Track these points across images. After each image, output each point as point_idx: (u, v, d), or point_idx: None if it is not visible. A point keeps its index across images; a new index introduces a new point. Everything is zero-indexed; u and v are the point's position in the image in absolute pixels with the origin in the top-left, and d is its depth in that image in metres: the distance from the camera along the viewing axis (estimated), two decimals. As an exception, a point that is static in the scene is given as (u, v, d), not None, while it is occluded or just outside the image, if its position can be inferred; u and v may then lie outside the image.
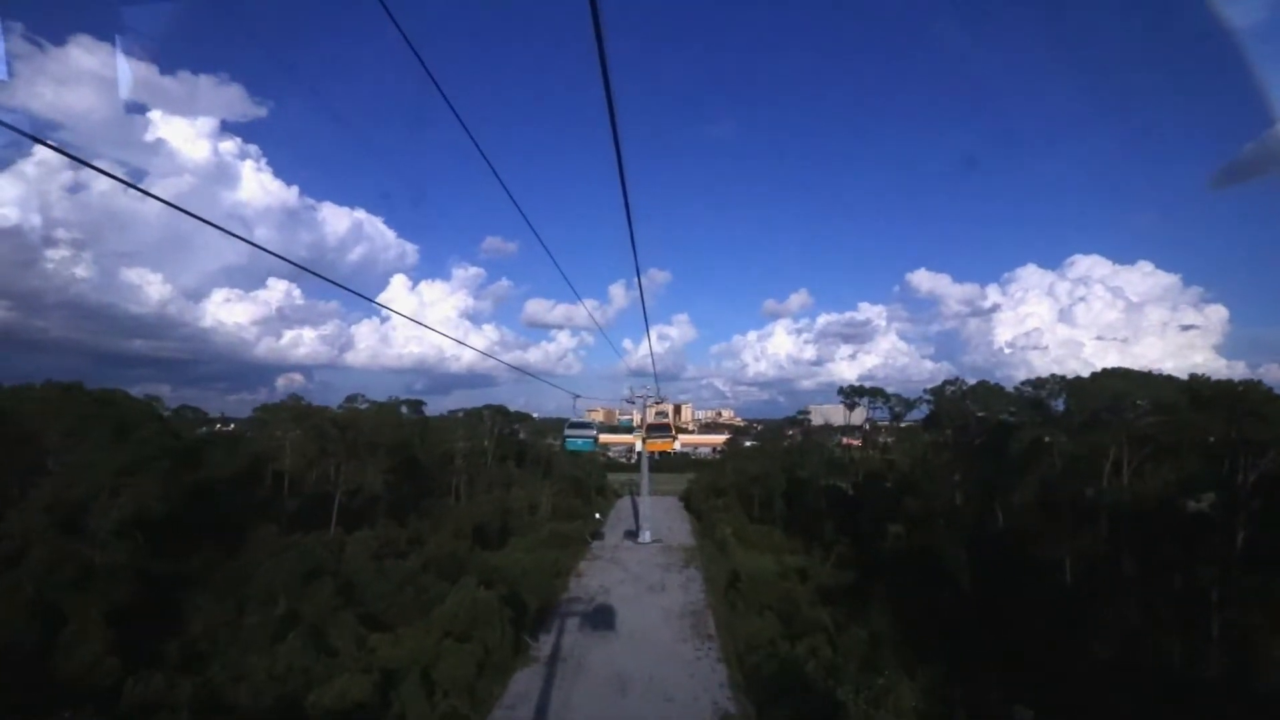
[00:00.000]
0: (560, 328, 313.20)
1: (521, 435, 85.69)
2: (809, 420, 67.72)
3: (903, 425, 49.77)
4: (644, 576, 37.22)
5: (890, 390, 52.79)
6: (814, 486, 48.07)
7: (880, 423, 52.64)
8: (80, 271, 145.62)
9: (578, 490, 63.32)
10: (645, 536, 47.89)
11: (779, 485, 48.59)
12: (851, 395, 51.24)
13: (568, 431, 37.29)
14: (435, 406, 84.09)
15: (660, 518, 56.90)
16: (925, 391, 38.03)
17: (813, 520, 48.00)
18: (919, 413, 49.16)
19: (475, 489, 57.43)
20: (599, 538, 50.58)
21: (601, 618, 29.64)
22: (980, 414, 32.66)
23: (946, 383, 36.55)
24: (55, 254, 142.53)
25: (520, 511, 50.95)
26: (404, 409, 68.31)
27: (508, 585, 31.81)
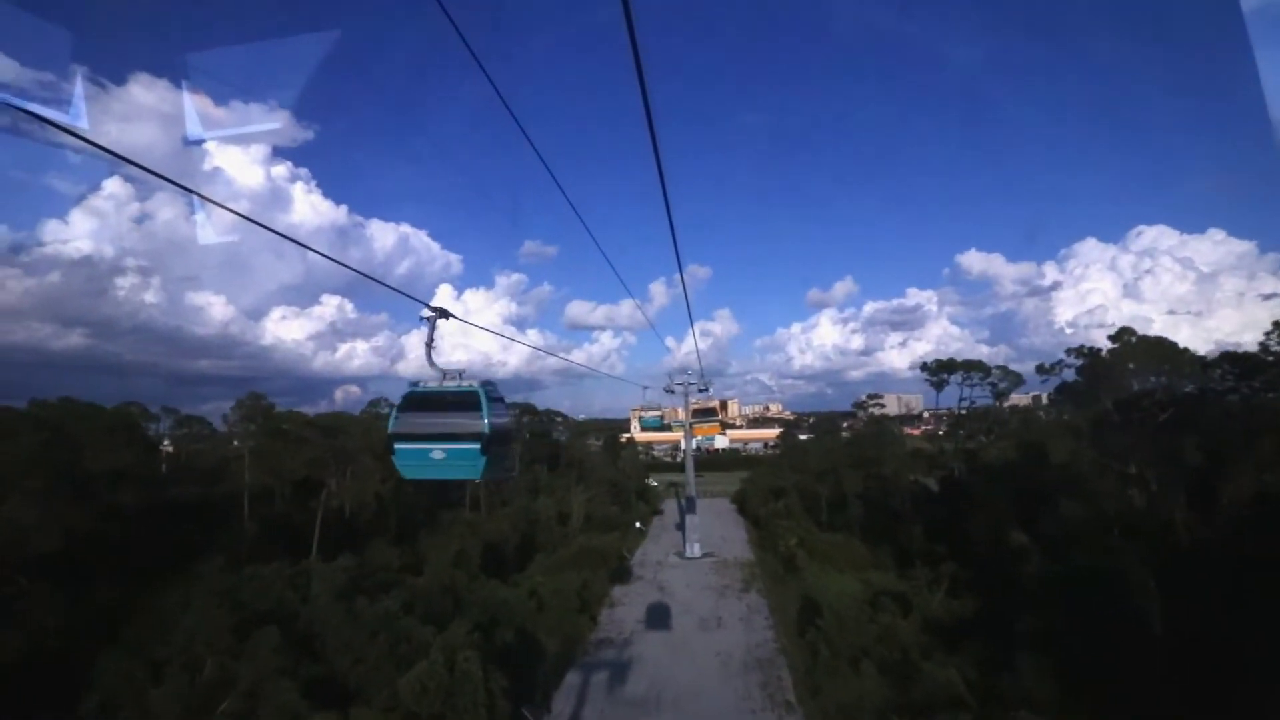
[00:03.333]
0: (602, 329, 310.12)
1: (558, 435, 79.36)
2: (878, 406, 58.42)
3: (1008, 404, 40.55)
4: (693, 605, 29.53)
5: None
6: (898, 485, 39.26)
7: (970, 405, 43.22)
8: (149, 297, 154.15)
9: (616, 495, 55.97)
10: (694, 549, 40.18)
11: (854, 484, 39.92)
12: (938, 371, 42.14)
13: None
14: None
15: (710, 525, 49.02)
16: (1068, 353, 29.04)
17: (897, 526, 39.24)
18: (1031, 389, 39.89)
19: (499, 498, 50.91)
20: (640, 546, 43.22)
21: (637, 673, 22.14)
22: (1159, 382, 23.55)
23: (1084, 348, 27.57)
24: (125, 281, 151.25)
25: (548, 523, 43.95)
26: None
27: (516, 626, 24.72)
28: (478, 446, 7.77)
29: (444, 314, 8.23)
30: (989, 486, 30.11)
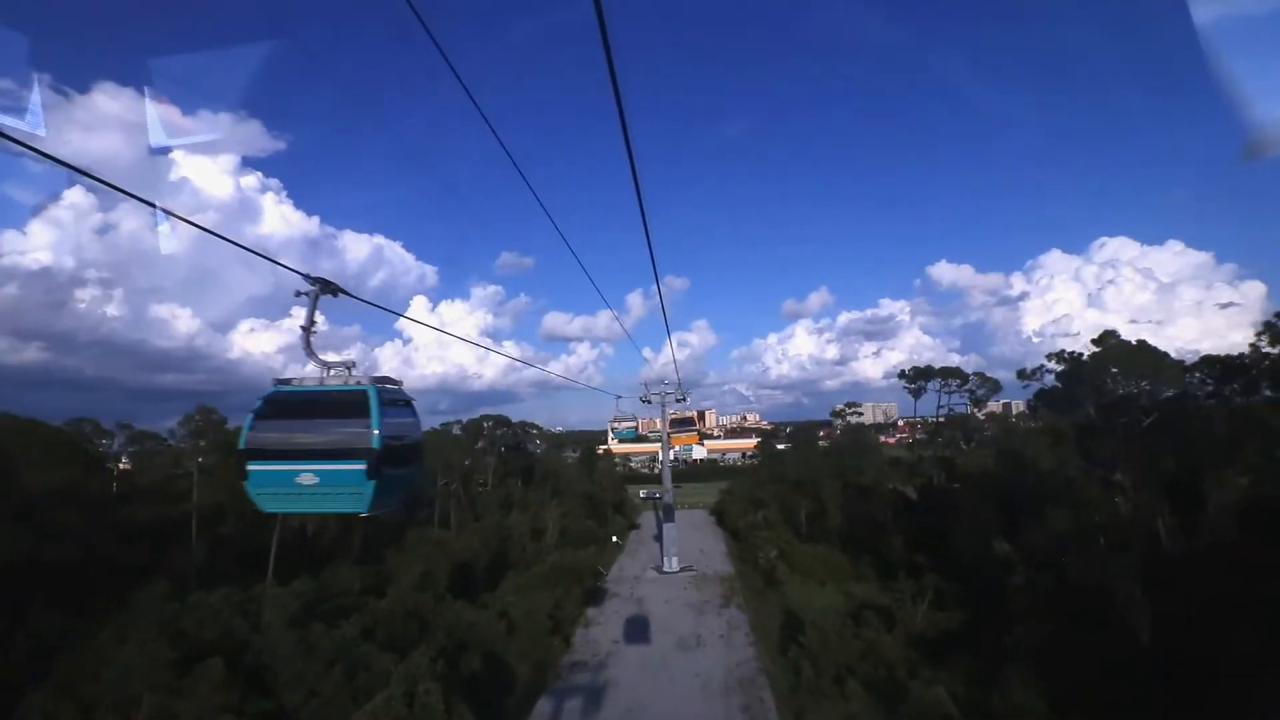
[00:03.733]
0: (579, 340, 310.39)
1: (533, 448, 77.70)
2: (856, 414, 58.12)
3: (983, 412, 40.35)
4: (672, 623, 28.42)
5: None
6: (879, 494, 38.71)
7: (949, 412, 42.94)
8: (111, 310, 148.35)
9: (592, 508, 54.63)
10: (672, 564, 39.07)
11: (834, 493, 39.28)
12: (916, 378, 41.89)
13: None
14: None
15: (689, 537, 47.96)
16: (1049, 358, 28.72)
17: (878, 536, 38.67)
18: (1004, 397, 39.72)
19: (471, 513, 49.24)
20: (617, 560, 41.97)
21: (612, 697, 20.95)
22: (1141, 387, 23.22)
23: (1064, 353, 27.28)
24: (86, 294, 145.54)
25: (521, 539, 42.49)
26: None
27: (485, 650, 23.39)
28: (362, 468, 5.58)
29: (329, 288, 6.32)
30: (970, 495, 29.71)
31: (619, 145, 4.55)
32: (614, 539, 46.64)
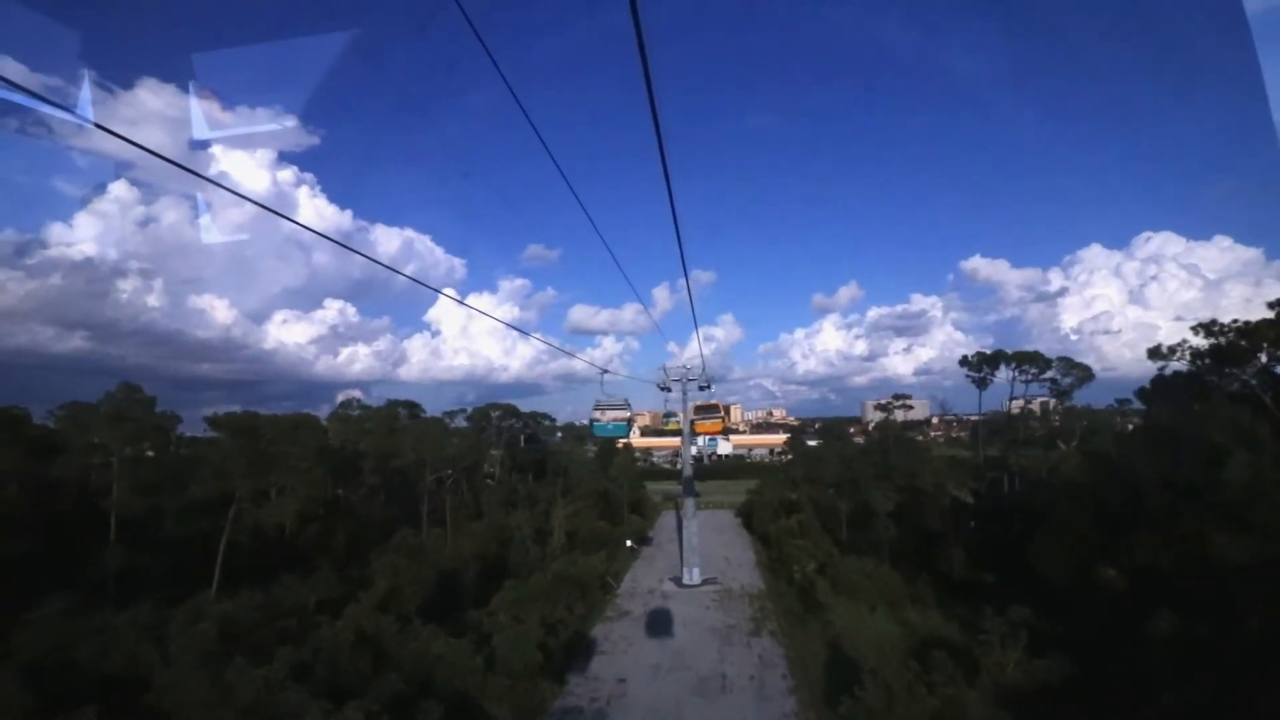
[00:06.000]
0: (605, 333, 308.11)
1: (547, 440, 73.26)
2: (904, 407, 52.10)
3: (1069, 405, 34.14)
4: (691, 655, 23.30)
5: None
6: (936, 499, 32.96)
7: (1027, 403, 36.85)
8: (151, 300, 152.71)
9: (606, 508, 49.75)
10: (693, 575, 33.95)
11: (884, 499, 33.57)
12: (982, 365, 35.79)
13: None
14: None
15: (713, 543, 42.82)
16: (1194, 330, 22.52)
17: (935, 549, 32.98)
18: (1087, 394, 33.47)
19: (476, 510, 44.82)
20: (631, 569, 37.02)
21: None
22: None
23: (1214, 322, 21.24)
24: (127, 284, 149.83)
25: (523, 542, 37.82)
26: (402, 412, 57.22)
27: (452, 696, 18.58)
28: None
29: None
30: (1068, 505, 23.89)
31: (646, 137, 4.65)
32: (629, 543, 41.63)
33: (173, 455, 28.47)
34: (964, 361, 37.34)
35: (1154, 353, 24.92)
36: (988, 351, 35.42)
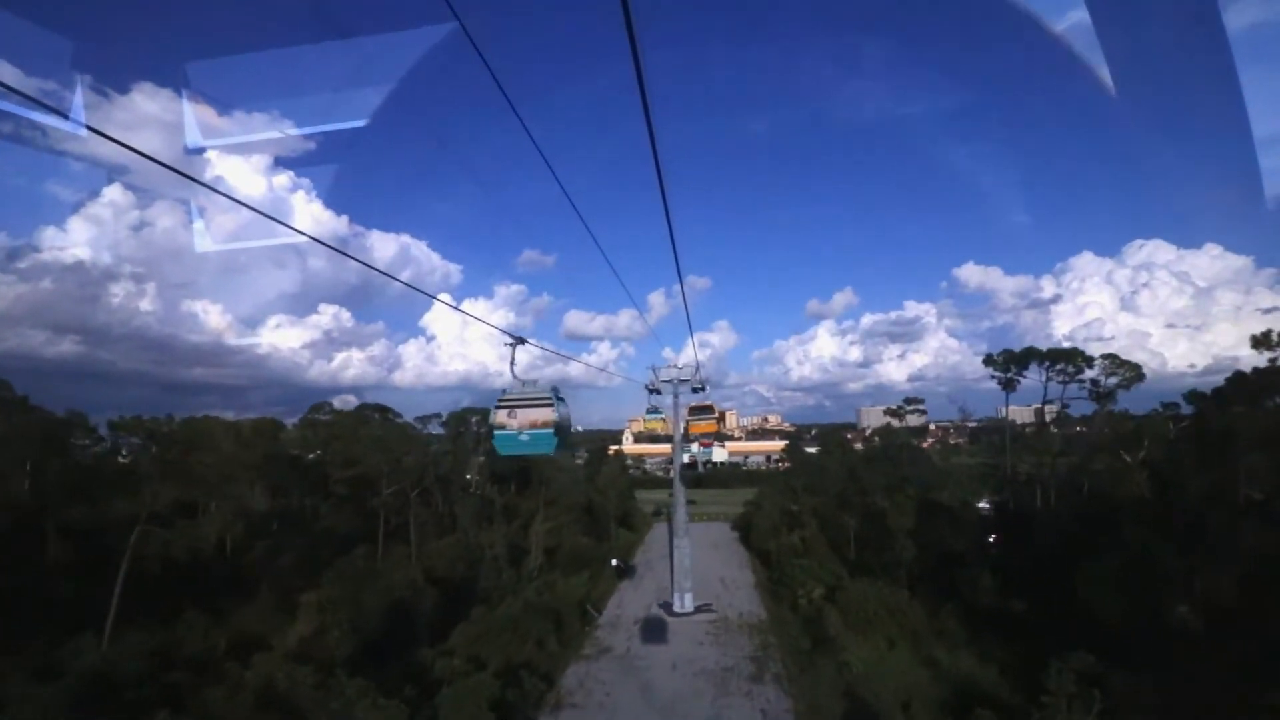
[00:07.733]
0: (600, 339, 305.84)
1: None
2: (918, 412, 48.52)
3: (1109, 410, 30.50)
4: (682, 711, 19.40)
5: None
6: (959, 515, 29.17)
7: (1063, 406, 32.96)
8: (144, 304, 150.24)
9: (591, 522, 45.81)
10: (685, 602, 30.04)
11: (904, 515, 29.64)
12: (1008, 363, 32.11)
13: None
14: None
15: (708, 561, 38.93)
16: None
17: (958, 572, 29.17)
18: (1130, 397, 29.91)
19: (445, 526, 40.76)
20: (615, 593, 33.04)
21: None
22: None
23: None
24: (120, 288, 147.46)
25: (496, 562, 33.84)
26: (376, 416, 53.28)
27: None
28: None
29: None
30: (1137, 529, 20.03)
31: (641, 144, 4.70)
32: (614, 562, 37.68)
33: (72, 464, 24.53)
34: (989, 360, 33.74)
35: (1260, 341, 21.22)
36: (1015, 350, 31.86)
